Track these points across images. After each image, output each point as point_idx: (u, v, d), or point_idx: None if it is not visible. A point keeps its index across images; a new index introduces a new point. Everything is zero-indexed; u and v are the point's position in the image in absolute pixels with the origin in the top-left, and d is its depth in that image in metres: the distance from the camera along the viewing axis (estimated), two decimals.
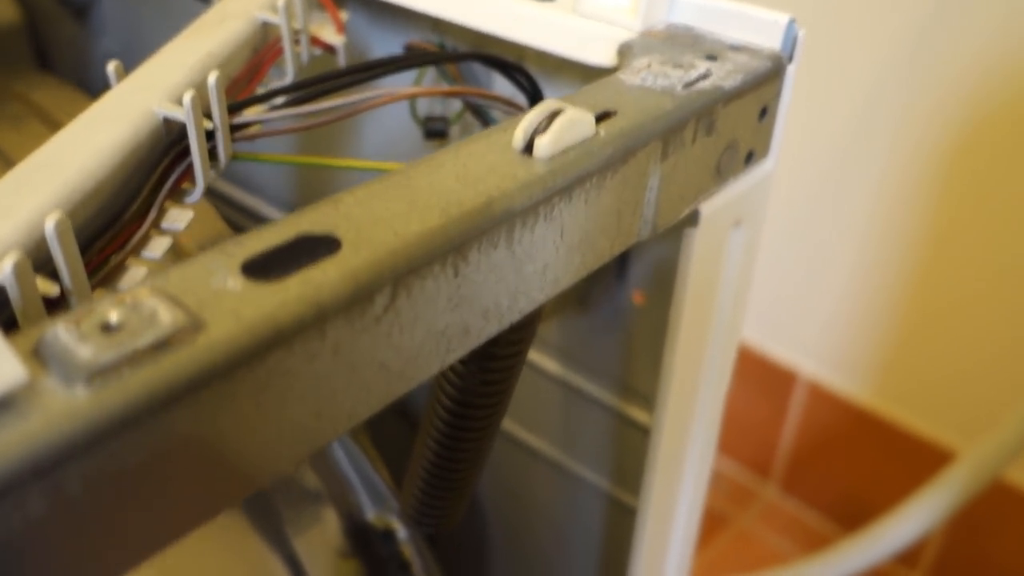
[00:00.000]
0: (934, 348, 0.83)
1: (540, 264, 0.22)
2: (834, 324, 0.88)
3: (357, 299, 0.18)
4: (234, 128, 0.26)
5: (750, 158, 0.28)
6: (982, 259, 0.77)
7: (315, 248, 0.18)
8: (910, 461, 0.86)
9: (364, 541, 0.33)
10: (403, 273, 0.18)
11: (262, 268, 0.17)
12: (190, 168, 0.25)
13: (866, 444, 0.90)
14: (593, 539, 0.43)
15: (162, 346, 0.15)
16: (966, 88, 0.71)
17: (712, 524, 0.96)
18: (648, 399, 0.38)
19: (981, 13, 0.68)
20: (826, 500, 0.95)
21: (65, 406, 0.14)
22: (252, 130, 0.26)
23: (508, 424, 0.44)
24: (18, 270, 0.19)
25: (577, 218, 0.22)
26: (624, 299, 0.37)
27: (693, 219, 0.28)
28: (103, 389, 0.14)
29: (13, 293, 0.19)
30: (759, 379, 0.96)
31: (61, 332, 0.15)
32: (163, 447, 0.15)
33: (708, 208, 0.28)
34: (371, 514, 0.34)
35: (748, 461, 1.00)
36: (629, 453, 0.40)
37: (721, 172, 0.27)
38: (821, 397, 0.92)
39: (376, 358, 0.19)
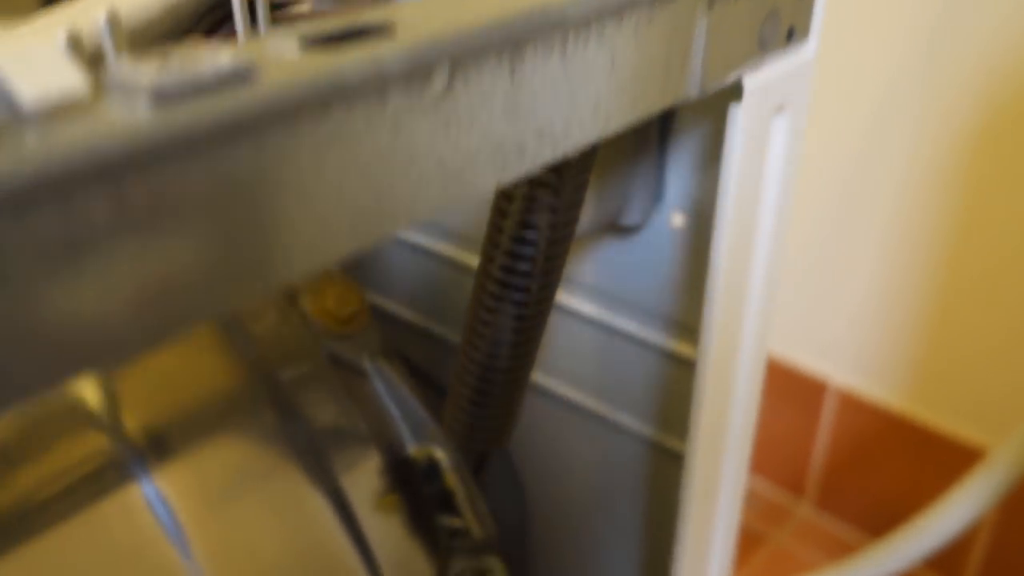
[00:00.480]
0: (966, 348, 0.81)
1: (592, 93, 0.21)
2: (861, 329, 0.87)
3: (416, 72, 0.17)
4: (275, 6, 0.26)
5: (791, 35, 0.28)
6: (1010, 256, 0.76)
7: (373, 31, 0.18)
8: (947, 466, 0.84)
9: (406, 476, 0.33)
10: (460, 55, 0.18)
11: (322, 42, 0.17)
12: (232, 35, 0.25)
13: (901, 452, 0.88)
14: (638, 493, 0.42)
15: (225, 81, 0.15)
16: (982, 85, 0.71)
17: (748, 543, 0.94)
18: (692, 330, 0.37)
19: (991, 7, 0.69)
20: (862, 513, 0.93)
21: (128, 120, 0.14)
22: (299, 8, 0.26)
23: (543, 379, 0.43)
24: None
25: (628, 47, 0.22)
26: (663, 223, 0.36)
27: (737, 92, 0.27)
28: (166, 111, 0.14)
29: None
30: (788, 391, 0.95)
31: (124, 63, 0.15)
32: (222, 185, 0.15)
33: (751, 83, 0.27)
34: (412, 447, 0.33)
35: (781, 478, 0.98)
36: (674, 393, 0.39)
37: (763, 43, 0.27)
38: (853, 405, 0.90)
39: (435, 151, 0.18)
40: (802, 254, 0.89)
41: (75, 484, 0.26)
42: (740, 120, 0.28)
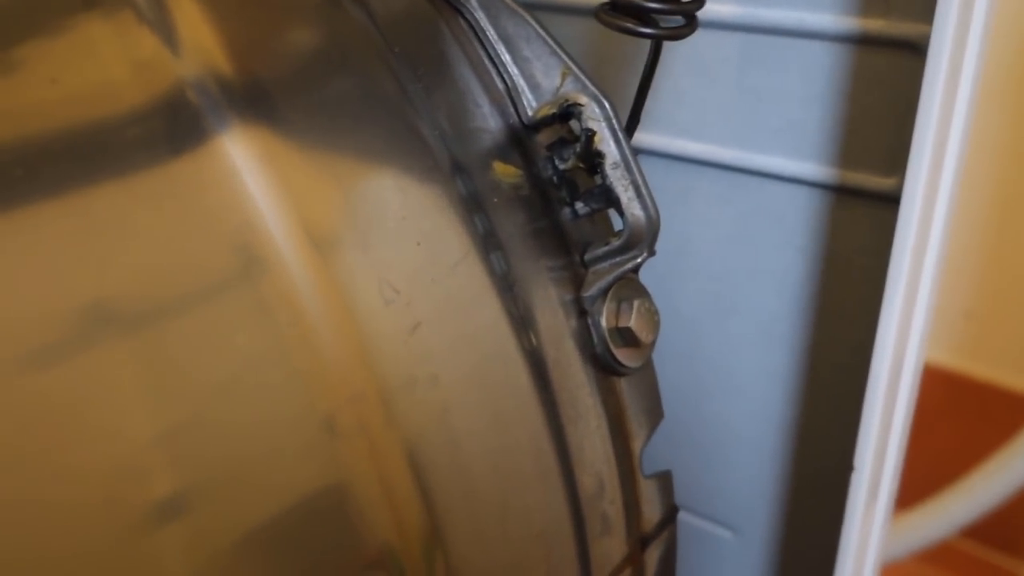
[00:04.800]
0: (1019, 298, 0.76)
1: None
2: None
3: None
4: None
5: None
6: None
7: None
8: (1003, 421, 0.81)
9: (524, 147, 0.26)
10: None
11: None
12: None
13: (955, 410, 0.86)
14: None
15: None
16: None
17: None
18: None
19: None
20: (917, 478, 0.90)
21: None
22: None
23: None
24: None
25: None
26: None
27: None
28: None
29: None
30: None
31: None
32: None
33: None
34: (536, 105, 0.26)
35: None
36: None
37: None
38: None
39: None
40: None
41: (106, 121, 0.20)
42: None
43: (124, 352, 0.18)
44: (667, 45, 0.27)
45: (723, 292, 0.36)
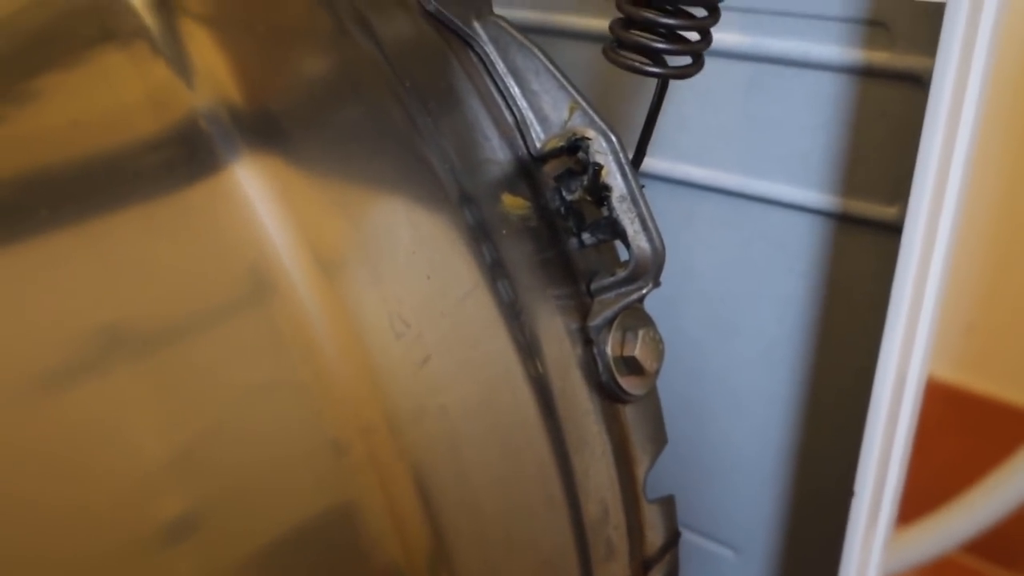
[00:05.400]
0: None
1: None
2: None
3: None
4: None
5: None
6: None
7: None
8: (1005, 436, 0.81)
9: (532, 179, 0.27)
10: None
11: None
12: None
13: (956, 425, 0.86)
14: None
15: None
16: None
17: None
18: None
19: None
20: (919, 493, 0.90)
21: None
22: None
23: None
24: None
25: None
26: None
27: None
28: None
29: None
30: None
31: None
32: None
33: None
34: (544, 137, 0.26)
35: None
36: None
37: None
38: None
39: None
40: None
41: (120, 149, 0.20)
42: None
43: (137, 373, 0.19)
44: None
45: (725, 315, 0.37)
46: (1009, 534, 0.69)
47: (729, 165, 0.35)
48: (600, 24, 0.36)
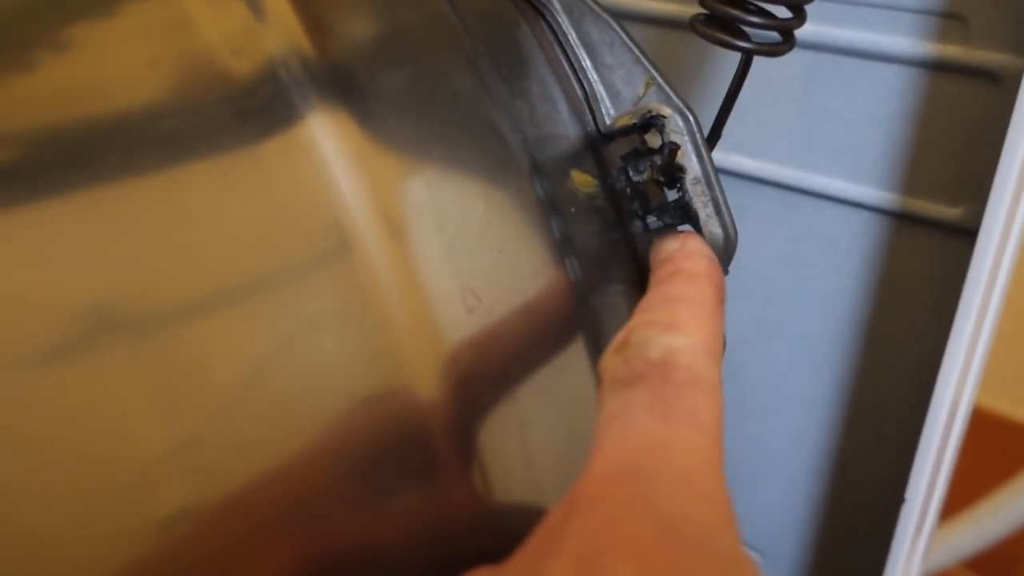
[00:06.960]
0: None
1: None
2: None
3: None
4: None
5: None
6: None
7: None
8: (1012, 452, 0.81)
9: (599, 156, 0.25)
10: None
11: None
12: None
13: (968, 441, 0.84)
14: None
15: None
16: None
17: None
18: None
19: None
20: None
21: None
22: None
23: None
24: None
25: None
26: None
27: None
28: None
29: None
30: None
31: None
32: None
33: None
34: (614, 114, 0.25)
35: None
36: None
37: None
38: None
39: None
40: None
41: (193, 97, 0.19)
42: None
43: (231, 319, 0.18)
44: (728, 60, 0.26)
45: (769, 312, 0.36)
46: (1009, 551, 0.68)
47: (783, 158, 0.34)
48: (666, 8, 0.34)
